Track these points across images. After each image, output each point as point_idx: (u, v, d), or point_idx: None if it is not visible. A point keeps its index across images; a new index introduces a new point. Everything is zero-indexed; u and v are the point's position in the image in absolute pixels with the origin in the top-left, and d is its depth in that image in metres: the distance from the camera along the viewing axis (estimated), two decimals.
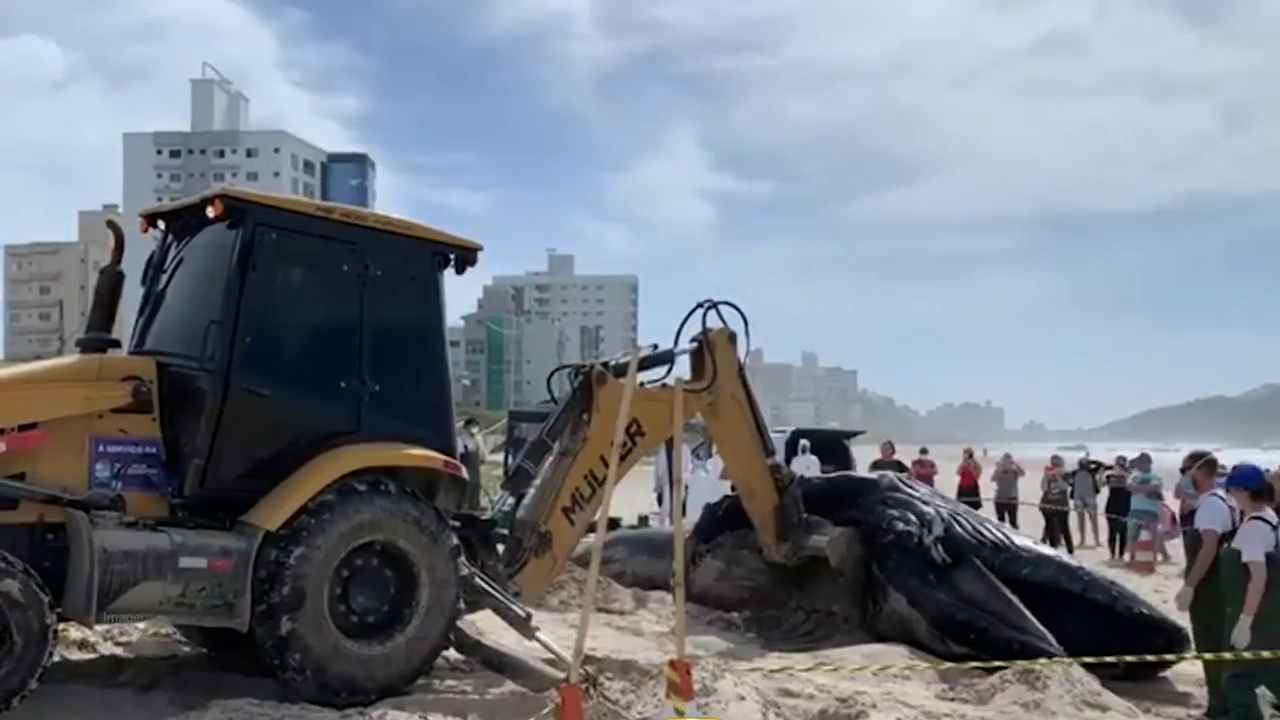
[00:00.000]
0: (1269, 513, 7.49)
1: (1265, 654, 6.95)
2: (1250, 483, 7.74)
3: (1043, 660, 8.16)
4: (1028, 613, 9.39)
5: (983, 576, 9.78)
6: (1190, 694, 9.03)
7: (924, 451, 22.96)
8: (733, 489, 11.30)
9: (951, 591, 9.70)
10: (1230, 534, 7.89)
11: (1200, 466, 9.09)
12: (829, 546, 10.17)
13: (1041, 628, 9.25)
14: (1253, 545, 7.40)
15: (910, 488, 11.09)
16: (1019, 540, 10.64)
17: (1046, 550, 11.22)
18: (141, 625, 6.68)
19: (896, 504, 10.44)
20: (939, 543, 9.97)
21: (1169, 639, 9.36)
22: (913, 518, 10.19)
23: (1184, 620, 9.03)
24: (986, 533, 10.35)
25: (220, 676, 7.51)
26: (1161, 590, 13.54)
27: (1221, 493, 8.33)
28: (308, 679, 6.86)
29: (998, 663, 8.19)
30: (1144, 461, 19.87)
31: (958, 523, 10.29)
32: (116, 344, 7.70)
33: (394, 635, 7.21)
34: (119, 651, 8.00)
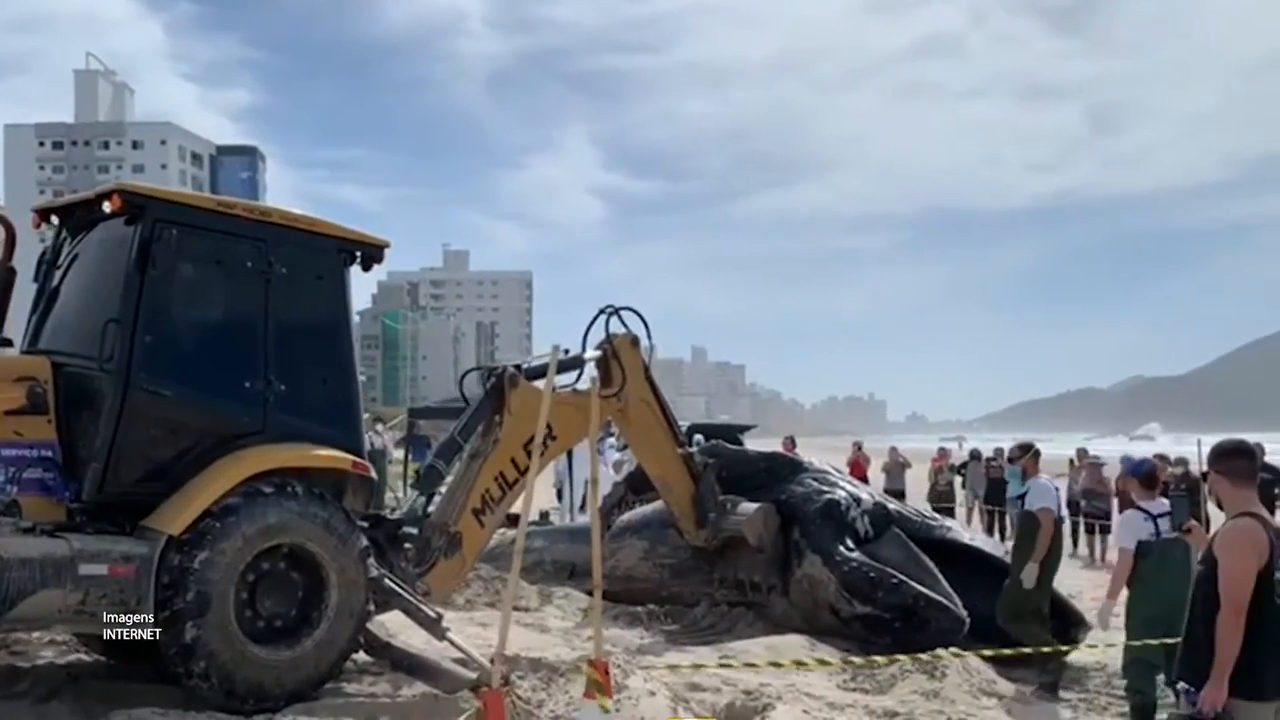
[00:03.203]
0: (1157, 503, 7.83)
1: (1154, 642, 7.22)
2: (1137, 472, 8.39)
3: (941, 650, 8.41)
4: (942, 579, 9.77)
5: (904, 545, 10.25)
6: (1086, 678, 9.35)
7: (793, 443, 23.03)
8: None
9: (869, 555, 10.07)
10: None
11: (1030, 457, 9.83)
12: (745, 526, 10.44)
13: (952, 592, 9.62)
14: (1124, 533, 7.95)
15: (838, 473, 11.63)
16: (948, 522, 11.69)
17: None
18: (37, 634, 6.46)
19: (826, 482, 10.95)
20: (865, 516, 10.46)
21: (1068, 622, 9.80)
22: (841, 493, 10.68)
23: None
24: (914, 512, 11.14)
25: (122, 685, 7.29)
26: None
27: (1046, 477, 9.40)
28: (214, 686, 6.71)
29: (899, 655, 8.41)
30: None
31: (885, 504, 10.93)
32: (9, 343, 7.46)
33: (302, 639, 7.08)
34: (14, 661, 7.73)
